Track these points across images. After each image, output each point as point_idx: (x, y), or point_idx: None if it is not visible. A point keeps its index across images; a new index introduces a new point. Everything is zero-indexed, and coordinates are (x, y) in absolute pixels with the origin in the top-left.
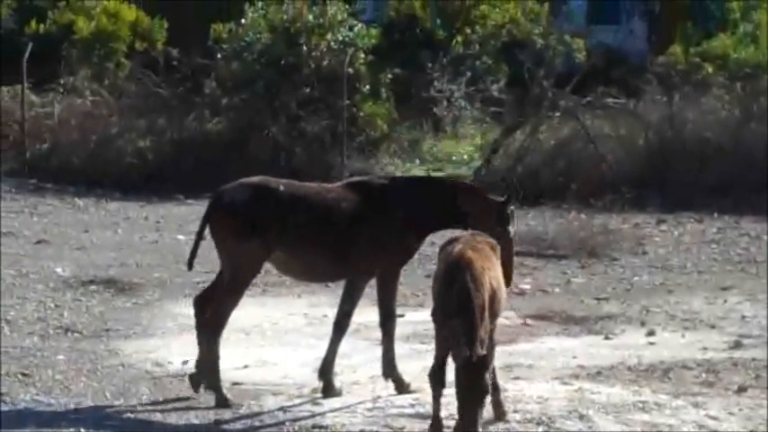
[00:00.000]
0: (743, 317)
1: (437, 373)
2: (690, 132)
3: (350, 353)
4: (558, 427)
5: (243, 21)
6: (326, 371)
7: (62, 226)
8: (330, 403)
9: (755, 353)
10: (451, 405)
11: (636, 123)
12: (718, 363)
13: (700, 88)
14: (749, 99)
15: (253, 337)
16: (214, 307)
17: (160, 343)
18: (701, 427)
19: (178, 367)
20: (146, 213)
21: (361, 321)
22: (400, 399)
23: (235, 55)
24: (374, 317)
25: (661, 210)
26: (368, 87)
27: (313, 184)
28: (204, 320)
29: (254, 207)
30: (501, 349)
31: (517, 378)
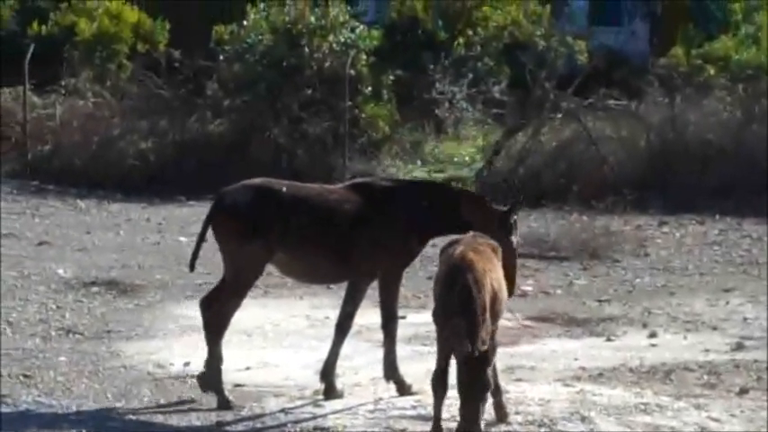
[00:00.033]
0: (744, 319)
1: (440, 379)
2: (691, 134)
3: (351, 355)
4: (560, 429)
5: (245, 22)
6: (328, 373)
7: (64, 227)
8: (332, 405)
9: (757, 354)
10: (453, 407)
11: (637, 125)
12: (719, 364)
13: (701, 90)
14: (751, 101)
15: (254, 339)
16: (216, 308)
17: (162, 344)
18: (703, 429)
19: (180, 369)
20: (147, 215)
21: (362, 323)
22: (402, 401)
23: (237, 56)
24: (376, 319)
25: (663, 211)
26: (370, 89)
27: (315, 186)
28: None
29: (256, 208)
30: (503, 351)
31: (519, 380)
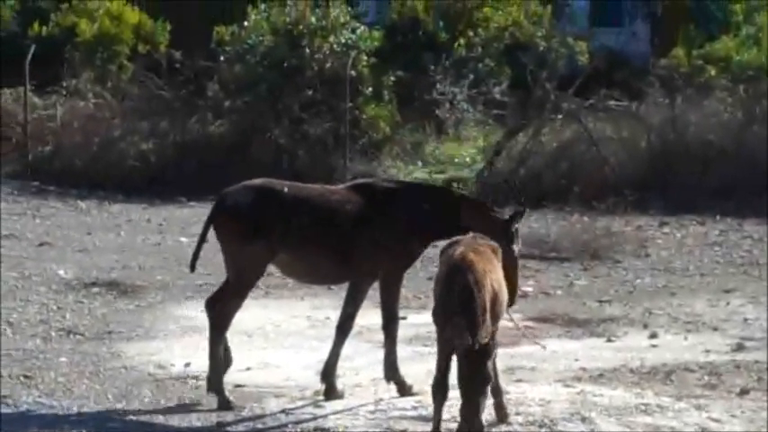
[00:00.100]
0: (745, 319)
1: (440, 384)
2: (692, 135)
3: (352, 355)
4: (561, 430)
5: (245, 23)
6: (329, 373)
7: (64, 228)
8: (332, 406)
9: (758, 355)
10: (453, 407)
11: (638, 126)
12: (720, 365)
13: (702, 91)
14: (752, 101)
15: (255, 340)
16: (217, 309)
17: (162, 345)
18: (704, 430)
19: (180, 370)
20: (148, 216)
21: (363, 324)
22: (402, 401)
23: (237, 57)
24: (377, 319)
25: (664, 212)
26: (370, 90)
27: (316, 186)
28: None
29: (257, 209)
30: (503, 352)
31: (519, 380)
